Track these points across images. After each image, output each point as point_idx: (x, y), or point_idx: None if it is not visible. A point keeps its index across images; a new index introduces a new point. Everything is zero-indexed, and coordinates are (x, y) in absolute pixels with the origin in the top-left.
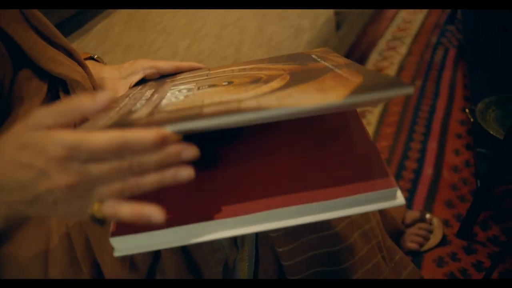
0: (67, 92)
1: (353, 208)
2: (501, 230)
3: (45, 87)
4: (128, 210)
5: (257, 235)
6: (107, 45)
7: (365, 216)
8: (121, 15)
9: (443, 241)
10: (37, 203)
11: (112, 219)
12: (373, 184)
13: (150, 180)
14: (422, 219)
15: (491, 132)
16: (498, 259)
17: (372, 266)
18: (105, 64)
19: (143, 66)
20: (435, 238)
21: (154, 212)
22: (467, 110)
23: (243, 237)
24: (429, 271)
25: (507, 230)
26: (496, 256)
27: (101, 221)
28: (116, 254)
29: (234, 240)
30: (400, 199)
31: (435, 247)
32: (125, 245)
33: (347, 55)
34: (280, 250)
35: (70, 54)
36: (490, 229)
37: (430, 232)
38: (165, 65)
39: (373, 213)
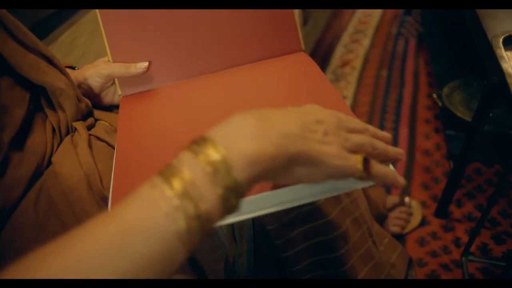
0: (48, 100)
1: (343, 185)
2: (474, 206)
3: (27, 96)
4: (384, 169)
5: (255, 230)
6: (75, 55)
7: (354, 203)
8: (86, 23)
9: (423, 222)
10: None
11: (372, 173)
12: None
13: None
14: (401, 203)
15: (458, 115)
16: (474, 234)
17: (365, 251)
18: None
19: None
20: (415, 220)
21: (399, 177)
22: (434, 95)
23: (242, 233)
24: (413, 251)
25: (479, 206)
26: (472, 231)
27: (361, 176)
28: None
29: (233, 236)
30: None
31: (416, 228)
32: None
33: (314, 50)
34: (278, 242)
35: (50, 61)
36: (464, 206)
37: (410, 214)
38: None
39: (361, 199)
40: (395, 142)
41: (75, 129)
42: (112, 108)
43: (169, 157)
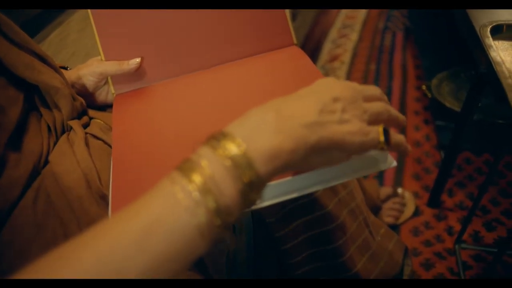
0: (43, 100)
1: (356, 173)
2: (465, 195)
3: (21, 96)
4: (399, 136)
5: (254, 223)
6: (65, 55)
7: (350, 194)
8: (74, 23)
9: (416, 212)
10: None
11: (392, 143)
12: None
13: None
14: (395, 194)
15: (447, 105)
16: (466, 222)
17: (362, 241)
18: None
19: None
20: (408, 210)
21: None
22: (424, 87)
23: (241, 226)
24: (407, 241)
25: (470, 195)
26: (464, 219)
27: (382, 147)
28: None
29: (232, 230)
30: (390, 161)
31: (410, 219)
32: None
33: (302, 46)
34: (278, 235)
35: (44, 59)
36: (455, 195)
37: (404, 205)
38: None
39: (356, 191)
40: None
41: (71, 128)
42: (106, 107)
43: (166, 154)
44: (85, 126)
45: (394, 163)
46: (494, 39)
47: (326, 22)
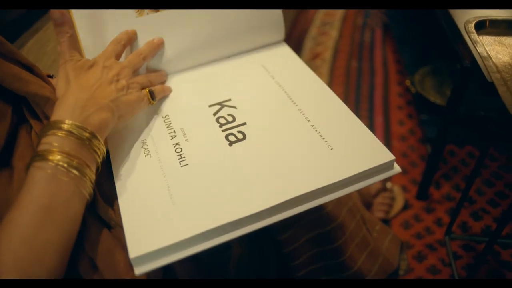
0: (32, 111)
1: (361, 183)
2: (452, 186)
3: (9, 109)
4: (160, 87)
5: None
6: (45, 62)
7: (348, 193)
8: (52, 29)
9: (406, 206)
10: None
11: (157, 96)
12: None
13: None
14: (384, 189)
15: (432, 100)
16: (455, 214)
17: (360, 239)
18: None
19: None
20: (398, 204)
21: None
22: (408, 82)
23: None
24: (399, 235)
25: (456, 186)
26: (453, 211)
27: (152, 103)
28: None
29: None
30: (396, 167)
31: (400, 212)
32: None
33: None
34: (280, 238)
35: (30, 69)
36: (442, 187)
37: (393, 199)
38: None
39: None
40: (371, 131)
41: None
42: None
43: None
44: None
45: (399, 169)
46: (479, 34)
47: (305, 20)
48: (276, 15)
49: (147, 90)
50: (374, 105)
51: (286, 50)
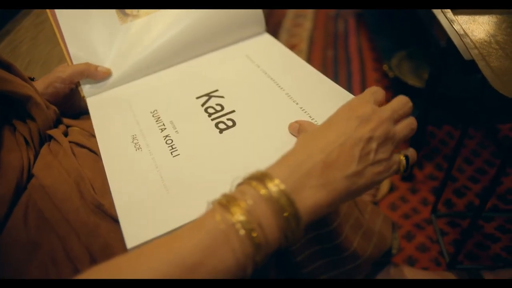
0: (14, 111)
1: None
2: (433, 167)
3: None
4: (415, 157)
5: None
6: (19, 64)
7: None
8: (25, 31)
9: (392, 188)
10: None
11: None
12: None
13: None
14: None
15: (410, 83)
16: (440, 192)
17: (354, 220)
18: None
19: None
20: (384, 187)
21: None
22: (386, 67)
23: None
24: None
25: (438, 166)
26: (438, 190)
27: (402, 174)
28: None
29: None
30: None
31: (387, 195)
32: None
33: None
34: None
35: (8, 68)
36: (425, 168)
37: None
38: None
39: None
40: None
41: (49, 137)
42: (80, 114)
43: None
44: (65, 135)
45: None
46: (454, 13)
47: (279, 12)
48: (256, 12)
49: (403, 156)
50: (353, 91)
51: (267, 38)
